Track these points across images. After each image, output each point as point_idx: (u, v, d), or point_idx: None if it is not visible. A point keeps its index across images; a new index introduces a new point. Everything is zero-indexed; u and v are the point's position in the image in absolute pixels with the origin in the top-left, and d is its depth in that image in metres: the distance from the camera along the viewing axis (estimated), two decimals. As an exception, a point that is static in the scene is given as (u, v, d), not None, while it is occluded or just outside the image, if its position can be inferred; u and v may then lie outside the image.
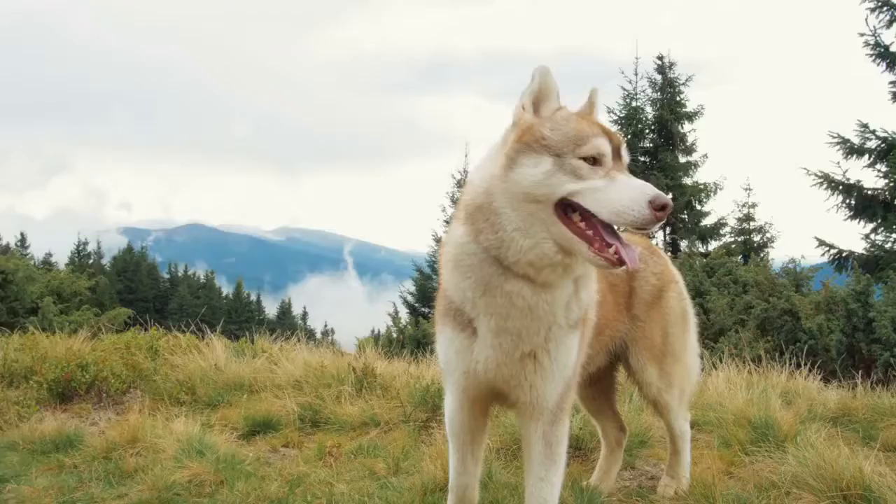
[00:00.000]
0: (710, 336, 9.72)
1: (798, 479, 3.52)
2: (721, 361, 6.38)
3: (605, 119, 22.95)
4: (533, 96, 2.45)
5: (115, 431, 4.86)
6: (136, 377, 6.58)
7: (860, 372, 6.50)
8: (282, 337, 8.27)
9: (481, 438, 2.97)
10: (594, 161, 2.34)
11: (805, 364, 6.23)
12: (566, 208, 2.33)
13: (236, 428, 5.27)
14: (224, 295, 72.49)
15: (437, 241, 23.84)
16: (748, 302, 9.94)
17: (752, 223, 21.53)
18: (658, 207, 2.21)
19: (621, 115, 23.06)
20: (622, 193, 2.27)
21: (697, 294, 11.11)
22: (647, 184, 2.32)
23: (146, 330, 8.23)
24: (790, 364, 6.20)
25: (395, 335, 18.18)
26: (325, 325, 60.41)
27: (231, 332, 8.15)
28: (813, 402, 5.27)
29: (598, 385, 3.77)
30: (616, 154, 2.39)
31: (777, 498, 3.48)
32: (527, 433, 2.74)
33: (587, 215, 2.32)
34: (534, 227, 2.34)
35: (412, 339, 15.03)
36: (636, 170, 22.31)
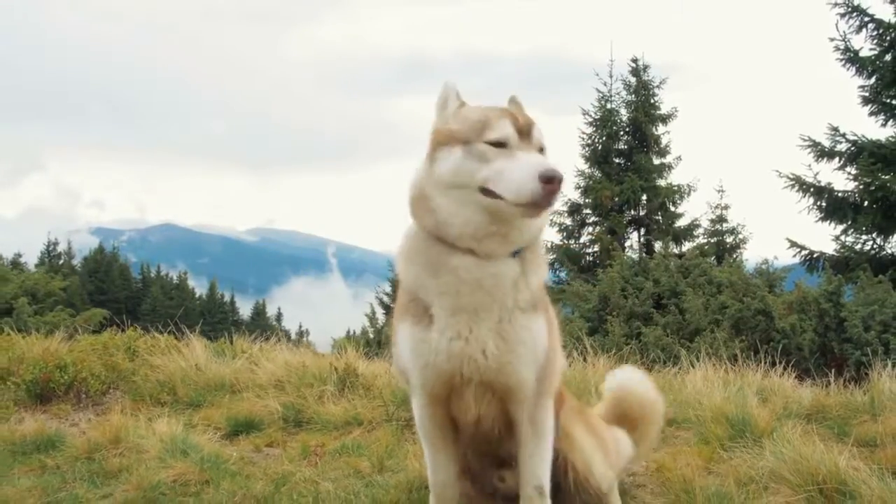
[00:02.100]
0: (686, 335, 9.85)
1: (776, 474, 3.61)
2: (698, 360, 6.48)
3: (580, 121, 23.10)
4: (438, 104, 2.68)
5: (97, 432, 4.83)
6: (115, 378, 6.54)
7: (833, 370, 6.64)
8: (259, 338, 8.24)
9: (455, 437, 2.95)
10: (501, 145, 2.45)
11: (779, 363, 6.34)
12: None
13: (219, 428, 5.25)
14: (197, 296, 71.94)
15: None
16: (723, 302, 10.09)
17: (724, 224, 21.77)
18: (545, 180, 2.31)
19: (596, 117, 23.26)
20: (519, 170, 2.37)
21: (673, 294, 11.26)
22: (544, 159, 2.44)
23: (122, 331, 8.15)
24: (765, 363, 6.31)
25: (371, 335, 18.18)
26: (300, 327, 60.08)
27: (205, 333, 8.13)
28: (788, 400, 5.38)
29: None
30: (524, 135, 2.48)
31: (756, 492, 3.57)
32: (515, 416, 2.79)
33: None
34: (464, 206, 2.49)
35: (388, 339, 15.04)
36: (611, 171, 22.55)
